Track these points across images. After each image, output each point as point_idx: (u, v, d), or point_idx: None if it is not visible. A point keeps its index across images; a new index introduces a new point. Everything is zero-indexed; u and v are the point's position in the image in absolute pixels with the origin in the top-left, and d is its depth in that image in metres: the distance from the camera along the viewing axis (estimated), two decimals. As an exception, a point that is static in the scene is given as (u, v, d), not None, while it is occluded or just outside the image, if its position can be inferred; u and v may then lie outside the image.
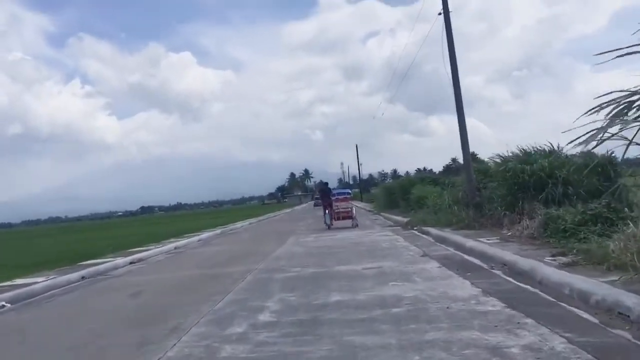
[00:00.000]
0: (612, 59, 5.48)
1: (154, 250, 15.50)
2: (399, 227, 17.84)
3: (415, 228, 16.12)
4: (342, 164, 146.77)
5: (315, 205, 54.37)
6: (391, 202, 31.22)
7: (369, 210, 36.92)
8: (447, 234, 12.28)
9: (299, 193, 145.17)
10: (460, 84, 15.14)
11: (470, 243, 9.84)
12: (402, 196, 26.66)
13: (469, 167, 14.86)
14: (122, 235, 31.17)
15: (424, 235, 13.95)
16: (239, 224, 30.55)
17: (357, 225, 19.92)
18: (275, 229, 23.46)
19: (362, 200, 74.68)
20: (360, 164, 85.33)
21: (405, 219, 19.58)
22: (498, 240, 9.80)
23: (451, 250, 10.18)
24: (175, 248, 16.81)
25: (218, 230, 24.55)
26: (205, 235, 22.05)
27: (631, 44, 5.27)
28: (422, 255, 9.62)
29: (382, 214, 28.41)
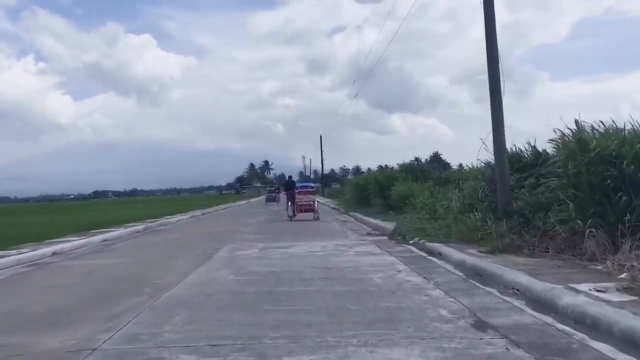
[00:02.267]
0: None
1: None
2: (383, 238, 12.64)
3: (410, 241, 10.94)
4: (303, 157, 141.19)
5: (267, 200, 45.89)
6: (362, 200, 26.10)
7: (334, 208, 31.69)
8: (489, 263, 7.02)
9: (258, 185, 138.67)
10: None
11: (592, 309, 4.35)
12: (379, 193, 21.56)
13: (502, 155, 9.74)
14: (33, 223, 25.02)
15: (434, 259, 8.71)
16: (176, 218, 24.83)
17: (318, 219, 20.41)
18: (214, 228, 17.96)
19: (323, 195, 69.66)
20: (322, 159, 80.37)
21: (389, 225, 14.47)
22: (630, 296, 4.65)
23: (539, 317, 4.67)
24: (42, 257, 11.03)
25: (141, 226, 18.84)
26: (119, 232, 16.36)
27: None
28: (477, 328, 4.41)
29: (351, 214, 23.24)
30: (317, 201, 23.35)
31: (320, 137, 79.50)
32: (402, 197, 18.76)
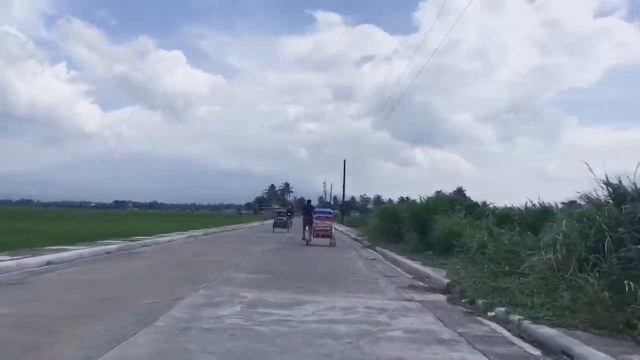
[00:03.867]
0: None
1: None
2: (437, 297, 8.33)
3: (490, 313, 6.65)
4: (324, 183, 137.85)
5: (275, 225, 33.95)
6: (390, 233, 21.81)
7: (356, 239, 27.39)
8: None
9: (277, 207, 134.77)
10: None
11: None
12: (415, 226, 17.28)
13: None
14: (29, 230, 21.35)
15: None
16: (170, 237, 20.85)
17: (334, 245, 20.25)
18: (202, 257, 13.89)
19: (342, 223, 65.22)
20: (344, 184, 76.36)
21: (435, 273, 10.32)
22: None
23: None
24: None
25: (114, 246, 14.83)
26: (77, 252, 12.41)
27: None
28: None
29: (378, 249, 18.97)
30: (335, 227, 23.05)
31: (344, 161, 75.55)
32: (448, 235, 14.55)
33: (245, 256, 14.12)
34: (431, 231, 15.74)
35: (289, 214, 35.49)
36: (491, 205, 18.32)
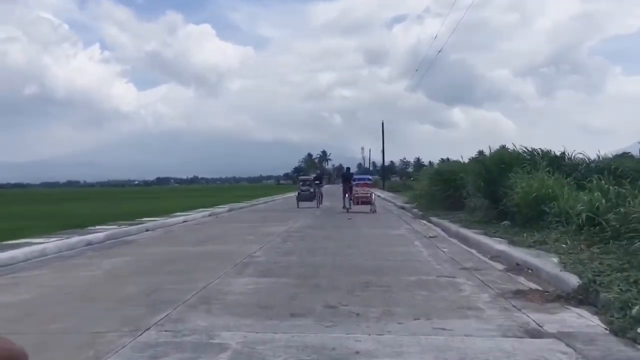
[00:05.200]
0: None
1: None
2: (572, 312, 4.57)
3: None
4: (362, 148, 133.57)
5: (300, 198, 25.59)
6: (447, 199, 17.93)
7: (402, 207, 23.57)
8: None
9: (314, 175, 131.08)
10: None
11: None
12: (484, 189, 13.34)
13: None
14: (29, 215, 18.79)
15: None
16: (184, 217, 17.66)
17: (375, 211, 19.92)
18: (208, 246, 10.50)
19: (384, 189, 61.27)
20: (382, 151, 72.21)
21: (535, 259, 6.60)
22: None
23: None
24: None
25: (102, 234, 11.67)
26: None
27: None
28: None
29: (434, 220, 15.20)
30: (375, 194, 22.74)
31: (382, 123, 71.14)
32: (535, 200, 10.70)
33: (262, 242, 10.61)
34: (507, 195, 11.86)
35: (317, 182, 26.26)
36: (579, 156, 14.14)
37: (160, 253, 9.36)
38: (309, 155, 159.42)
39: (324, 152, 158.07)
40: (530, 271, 6.89)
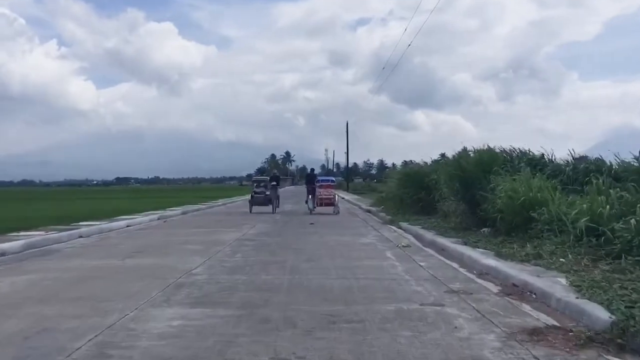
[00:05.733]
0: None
1: None
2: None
3: None
4: (326, 150, 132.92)
5: (252, 203, 21.51)
6: (418, 202, 16.67)
7: (369, 211, 22.25)
8: None
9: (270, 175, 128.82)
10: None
11: None
12: (463, 193, 12.04)
13: None
14: None
15: None
16: (139, 219, 15.80)
17: (338, 213, 19.82)
18: (125, 267, 8.77)
19: (348, 190, 60.15)
20: (345, 152, 71.36)
21: (535, 279, 5.27)
22: None
23: None
24: None
25: (21, 242, 9.81)
26: None
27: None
28: None
29: (404, 226, 13.88)
30: (339, 195, 22.91)
31: (347, 124, 70.16)
32: (522, 206, 9.49)
33: (207, 253, 9.00)
34: (488, 199, 10.63)
35: (273, 183, 22.35)
36: (557, 159, 13.07)
37: (78, 268, 7.63)
38: (273, 156, 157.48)
39: (287, 153, 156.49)
40: (533, 296, 5.56)
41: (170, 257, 8.62)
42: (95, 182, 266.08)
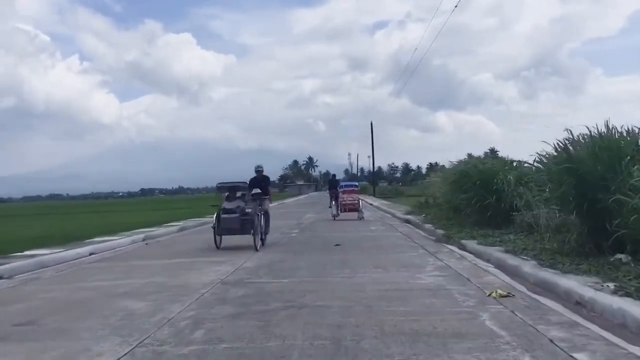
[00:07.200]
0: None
1: None
2: None
3: None
4: (349, 154, 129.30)
5: (219, 229, 11.48)
6: (482, 211, 12.26)
7: (406, 221, 17.87)
8: None
9: (301, 182, 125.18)
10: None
11: None
12: (577, 199, 7.62)
13: None
14: None
15: None
16: (130, 238, 11.87)
17: (362, 218, 19.46)
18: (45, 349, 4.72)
19: (374, 195, 55.59)
20: (369, 156, 67.06)
21: None
22: None
23: None
24: None
25: None
26: None
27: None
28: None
29: (470, 247, 9.52)
30: (363, 200, 23.08)
31: (372, 125, 65.67)
32: None
33: (146, 323, 4.84)
34: (622, 207, 6.29)
35: (256, 190, 12.12)
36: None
37: None
38: (295, 162, 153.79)
39: (310, 159, 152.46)
40: None
41: (69, 344, 4.45)
42: (120, 194, 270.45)
